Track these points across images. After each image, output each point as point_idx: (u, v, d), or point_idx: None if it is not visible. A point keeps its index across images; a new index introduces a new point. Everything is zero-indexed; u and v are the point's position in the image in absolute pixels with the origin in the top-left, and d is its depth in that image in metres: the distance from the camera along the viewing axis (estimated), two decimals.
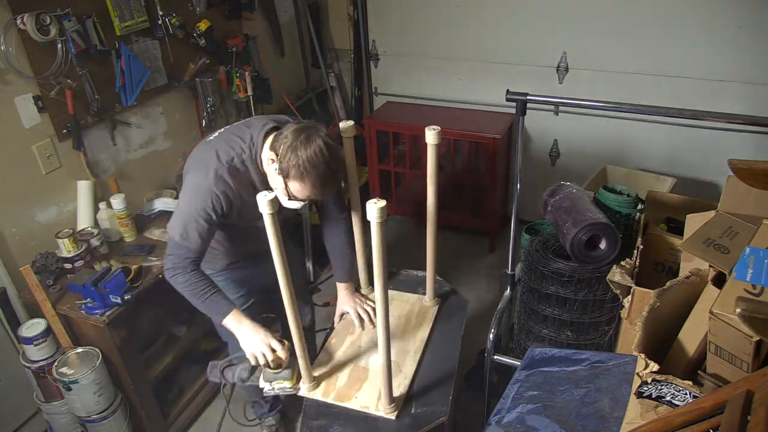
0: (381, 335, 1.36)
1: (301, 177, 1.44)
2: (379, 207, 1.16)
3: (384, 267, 1.25)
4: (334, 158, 1.46)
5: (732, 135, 2.77)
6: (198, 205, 1.53)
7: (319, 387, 1.59)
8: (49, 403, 2.02)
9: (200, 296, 1.58)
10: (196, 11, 2.60)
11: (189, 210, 1.53)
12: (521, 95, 1.68)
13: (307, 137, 1.44)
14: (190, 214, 1.53)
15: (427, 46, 3.34)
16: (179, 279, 1.57)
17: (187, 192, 1.56)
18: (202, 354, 2.60)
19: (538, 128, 3.25)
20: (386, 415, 1.48)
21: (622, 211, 1.89)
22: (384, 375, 1.43)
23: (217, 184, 1.53)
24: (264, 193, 1.23)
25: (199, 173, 1.55)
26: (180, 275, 1.57)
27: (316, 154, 1.42)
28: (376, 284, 1.27)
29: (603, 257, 1.68)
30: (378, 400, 1.52)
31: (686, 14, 2.64)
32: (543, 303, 1.86)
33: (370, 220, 1.18)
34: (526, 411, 1.29)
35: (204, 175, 1.53)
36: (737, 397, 0.86)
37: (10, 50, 1.88)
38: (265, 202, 1.23)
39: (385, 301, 1.30)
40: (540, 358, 1.46)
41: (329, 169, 1.45)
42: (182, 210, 1.55)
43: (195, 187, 1.54)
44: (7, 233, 1.99)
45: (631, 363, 1.25)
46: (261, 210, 1.25)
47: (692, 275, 1.37)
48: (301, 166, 1.42)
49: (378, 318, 1.33)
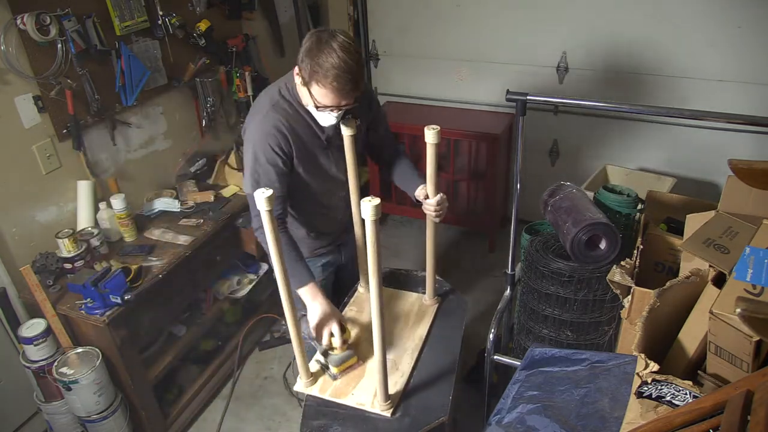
0: (376, 333, 1.36)
1: (321, 79, 1.43)
2: (374, 205, 1.16)
3: (379, 265, 1.25)
4: (351, 56, 1.42)
5: (732, 135, 2.77)
6: (259, 150, 1.55)
7: (316, 383, 1.60)
8: (49, 403, 2.02)
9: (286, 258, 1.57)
10: (196, 11, 2.59)
11: (253, 158, 1.56)
12: (521, 95, 1.68)
13: (320, 39, 1.42)
14: (256, 161, 1.56)
15: (427, 46, 3.34)
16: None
17: (247, 143, 1.60)
18: (202, 354, 2.61)
19: (538, 128, 3.25)
20: (381, 412, 1.48)
21: (622, 211, 1.89)
22: (379, 372, 1.43)
23: (268, 122, 1.55)
24: (262, 190, 1.24)
25: (252, 124, 1.59)
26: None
27: (331, 53, 1.40)
28: (371, 282, 1.27)
29: (603, 257, 1.68)
30: (374, 397, 1.52)
31: (686, 14, 2.64)
32: (543, 303, 1.86)
33: (365, 218, 1.18)
34: (526, 411, 1.29)
35: (256, 122, 1.57)
36: (737, 397, 0.86)
37: (10, 50, 1.88)
38: (263, 199, 1.23)
39: (380, 299, 1.30)
40: (540, 358, 1.46)
41: (346, 66, 1.41)
42: (248, 162, 1.59)
43: (252, 136, 1.58)
44: (7, 233, 1.99)
45: (631, 363, 1.25)
46: (258, 207, 1.25)
47: (692, 275, 1.37)
48: (319, 67, 1.41)
49: (373, 316, 1.34)
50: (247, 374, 2.67)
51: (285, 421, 2.42)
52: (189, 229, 2.30)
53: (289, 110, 1.60)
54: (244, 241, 2.49)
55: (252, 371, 2.68)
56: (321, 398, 1.56)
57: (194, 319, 2.48)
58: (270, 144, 1.56)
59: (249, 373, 2.68)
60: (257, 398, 2.54)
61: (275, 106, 1.58)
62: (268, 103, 1.60)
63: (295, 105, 1.61)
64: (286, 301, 1.43)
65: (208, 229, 2.30)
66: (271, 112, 1.57)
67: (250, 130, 1.60)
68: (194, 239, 2.23)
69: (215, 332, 2.69)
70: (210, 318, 2.54)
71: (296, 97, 1.61)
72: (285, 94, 1.61)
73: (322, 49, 1.41)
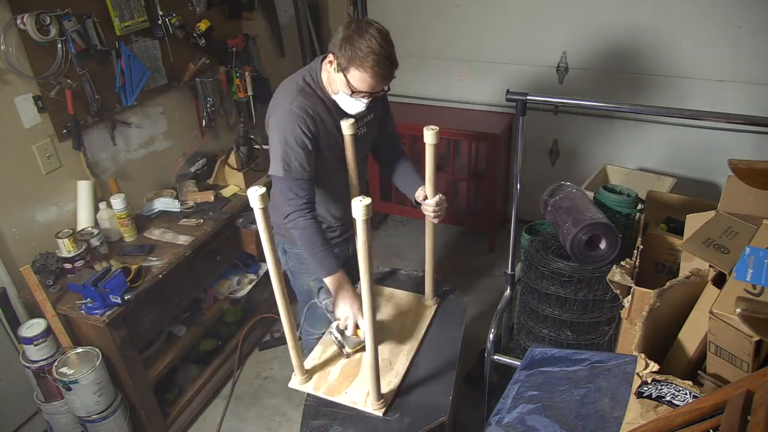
0: (368, 333, 1.36)
1: (361, 64, 1.47)
2: (365, 204, 1.18)
3: (370, 264, 1.26)
4: (388, 42, 1.49)
5: (732, 135, 2.77)
6: (287, 132, 1.58)
7: (311, 380, 1.61)
8: (49, 403, 2.02)
9: (313, 247, 1.64)
10: (196, 11, 2.59)
11: (283, 141, 1.59)
12: (521, 95, 1.68)
13: (359, 26, 1.48)
14: (286, 144, 1.59)
15: (427, 46, 3.34)
16: (300, 223, 1.62)
17: (274, 129, 1.62)
18: (202, 354, 2.61)
19: (538, 128, 3.25)
20: (374, 411, 1.49)
21: (622, 211, 1.89)
22: (372, 371, 1.43)
23: (296, 106, 1.59)
24: (254, 188, 1.26)
25: (278, 109, 1.62)
26: (301, 219, 1.62)
27: (371, 39, 1.46)
28: (362, 281, 1.28)
29: (603, 257, 1.68)
30: (367, 396, 1.52)
31: (686, 14, 2.64)
32: (543, 303, 1.87)
33: (355, 217, 1.19)
34: (526, 411, 1.29)
35: (283, 107, 1.60)
36: (737, 397, 0.86)
37: (10, 50, 1.88)
38: (256, 197, 1.25)
39: (372, 299, 1.31)
40: (540, 358, 1.46)
41: (385, 51, 1.47)
42: (275, 146, 1.61)
43: (278, 120, 1.61)
44: (7, 233, 1.99)
45: (631, 363, 1.25)
46: (252, 204, 1.27)
47: (692, 275, 1.37)
48: (360, 52, 1.46)
49: (365, 316, 1.34)
50: (247, 374, 2.67)
51: (285, 421, 2.42)
52: (189, 229, 2.30)
53: (314, 97, 1.64)
54: (244, 241, 2.49)
55: (252, 371, 2.68)
56: (321, 398, 1.56)
57: (194, 319, 2.48)
58: (300, 126, 1.58)
59: (249, 373, 2.68)
60: (257, 398, 2.54)
61: (302, 92, 1.62)
62: (295, 89, 1.63)
63: (319, 93, 1.65)
64: (280, 296, 1.44)
65: (208, 229, 2.30)
66: (299, 96, 1.61)
67: (276, 114, 1.62)
68: (194, 239, 2.23)
69: (215, 332, 2.69)
70: (210, 318, 2.54)
71: (320, 85, 1.65)
72: (309, 82, 1.65)
73: (363, 35, 1.46)
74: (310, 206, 1.64)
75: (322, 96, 1.65)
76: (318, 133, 1.63)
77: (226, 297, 2.58)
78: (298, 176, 1.60)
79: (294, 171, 1.59)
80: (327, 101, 1.66)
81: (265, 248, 1.34)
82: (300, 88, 1.63)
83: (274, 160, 1.62)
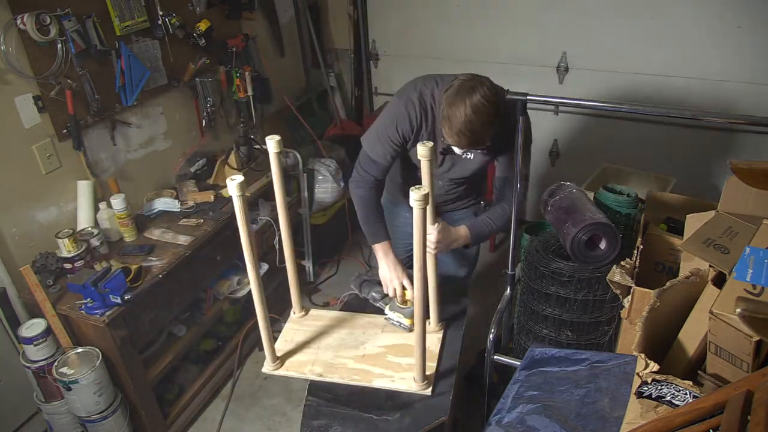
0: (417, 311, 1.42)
1: (446, 127, 1.57)
2: (422, 194, 1.23)
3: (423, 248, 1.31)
4: (479, 117, 1.52)
5: (732, 135, 2.77)
6: (390, 122, 1.73)
7: (283, 365, 1.67)
8: (49, 403, 2.02)
9: (367, 216, 1.80)
10: (196, 11, 2.59)
11: (383, 125, 1.74)
12: (521, 95, 1.68)
13: (461, 88, 1.53)
14: (384, 129, 1.74)
15: (427, 46, 3.34)
16: (359, 192, 1.79)
17: (386, 111, 1.78)
18: (202, 354, 2.61)
19: (538, 128, 3.24)
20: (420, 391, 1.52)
21: (622, 211, 1.89)
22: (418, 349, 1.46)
23: (408, 105, 1.71)
24: (232, 178, 1.33)
25: (399, 98, 1.75)
26: (360, 189, 1.79)
27: (460, 108, 1.51)
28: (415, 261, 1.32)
29: (603, 257, 1.68)
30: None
31: (686, 14, 2.64)
32: (543, 303, 1.86)
33: (412, 205, 1.25)
34: (526, 411, 1.29)
35: (401, 99, 1.73)
36: (737, 397, 0.86)
37: (10, 50, 1.88)
38: (235, 185, 1.32)
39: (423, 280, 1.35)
40: (540, 358, 1.46)
41: (470, 125, 1.52)
42: (378, 124, 1.77)
43: (392, 107, 1.76)
44: (7, 233, 1.99)
45: (631, 363, 1.25)
46: (230, 192, 1.36)
47: (692, 275, 1.37)
48: (449, 115, 1.55)
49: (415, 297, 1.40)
50: (247, 374, 2.67)
51: (285, 421, 2.42)
52: (189, 229, 2.30)
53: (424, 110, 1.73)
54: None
55: (252, 371, 2.68)
56: (321, 398, 1.56)
57: (194, 319, 2.48)
58: (401, 123, 1.72)
59: (249, 373, 2.68)
60: (257, 398, 2.54)
61: (420, 98, 1.72)
62: (418, 92, 1.72)
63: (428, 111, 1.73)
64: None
65: (208, 229, 2.30)
66: (416, 100, 1.72)
67: (396, 102, 1.75)
68: (194, 239, 2.23)
69: (215, 332, 2.69)
70: (210, 318, 2.54)
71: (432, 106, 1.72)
72: (433, 93, 1.72)
73: (456, 101, 1.53)
74: (374, 183, 1.78)
75: (430, 114, 1.74)
76: (413, 134, 1.74)
77: (226, 297, 2.58)
78: (379, 162, 1.75)
79: (377, 156, 1.75)
80: (431, 120, 1.74)
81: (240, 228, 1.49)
82: (420, 96, 1.73)
83: (371, 132, 1.78)
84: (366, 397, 1.56)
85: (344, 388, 1.60)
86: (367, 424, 1.48)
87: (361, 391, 1.58)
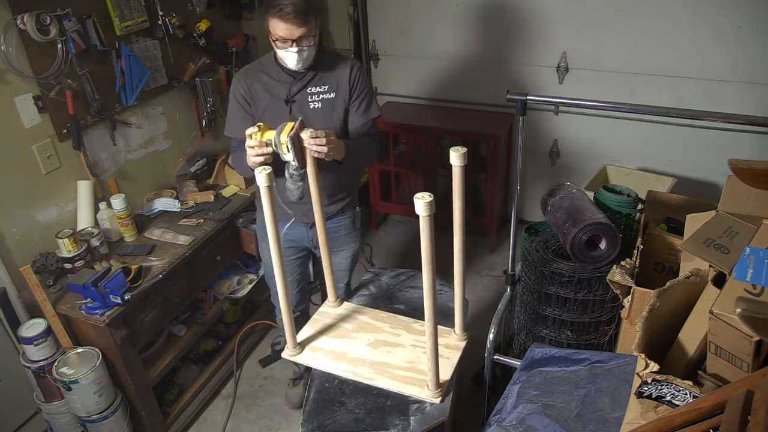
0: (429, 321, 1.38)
1: (271, 13, 1.68)
2: (426, 202, 1.18)
3: (432, 256, 1.28)
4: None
5: (732, 135, 2.77)
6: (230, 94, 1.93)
7: (303, 351, 1.67)
8: (49, 403, 2.02)
9: (239, 160, 1.86)
10: (196, 11, 2.59)
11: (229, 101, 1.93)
12: (521, 95, 1.68)
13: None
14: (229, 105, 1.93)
15: (427, 46, 3.34)
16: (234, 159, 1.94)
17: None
18: (202, 354, 2.61)
19: (538, 128, 3.25)
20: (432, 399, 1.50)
21: (622, 211, 1.89)
22: (431, 357, 1.44)
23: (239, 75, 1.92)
24: (264, 168, 1.33)
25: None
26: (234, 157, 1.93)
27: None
28: (424, 273, 1.29)
29: (603, 257, 1.68)
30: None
31: (686, 14, 2.64)
32: (543, 303, 1.87)
33: (419, 213, 1.20)
34: (526, 411, 1.29)
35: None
36: (737, 397, 0.86)
37: (10, 50, 1.88)
38: (263, 176, 1.24)
39: (433, 292, 1.33)
40: (540, 358, 1.46)
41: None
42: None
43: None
44: (7, 233, 1.99)
45: (631, 363, 1.25)
46: (258, 183, 1.37)
47: (692, 275, 1.37)
48: (270, 5, 1.67)
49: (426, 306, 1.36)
50: (247, 374, 2.67)
51: (285, 421, 2.42)
52: (189, 229, 2.30)
53: (264, 64, 1.87)
54: (244, 241, 2.49)
55: (252, 371, 2.68)
56: (321, 398, 1.56)
57: (194, 319, 2.48)
58: (234, 89, 1.87)
59: (249, 373, 2.68)
60: (257, 398, 2.54)
61: (261, 60, 1.90)
62: (258, 60, 1.91)
63: (272, 62, 1.84)
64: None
65: (208, 229, 2.30)
66: (254, 63, 1.91)
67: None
68: (194, 239, 2.23)
69: (215, 332, 2.69)
70: (210, 318, 2.54)
71: (275, 58, 1.84)
72: (270, 56, 1.86)
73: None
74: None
75: (273, 63, 1.84)
76: (251, 95, 1.84)
77: (226, 297, 2.58)
78: (230, 134, 1.91)
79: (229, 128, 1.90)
80: (276, 67, 1.84)
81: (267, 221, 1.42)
82: (257, 60, 1.92)
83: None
84: (368, 397, 1.56)
85: (348, 385, 1.60)
86: (367, 425, 1.48)
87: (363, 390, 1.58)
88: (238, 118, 1.88)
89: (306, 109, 1.84)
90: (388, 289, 1.99)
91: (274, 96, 1.83)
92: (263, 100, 1.84)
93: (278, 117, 1.78)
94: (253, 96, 1.85)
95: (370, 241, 3.54)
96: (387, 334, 1.73)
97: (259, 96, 1.85)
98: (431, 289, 1.31)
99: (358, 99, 1.88)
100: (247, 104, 1.86)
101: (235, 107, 1.88)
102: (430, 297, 1.33)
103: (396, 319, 1.79)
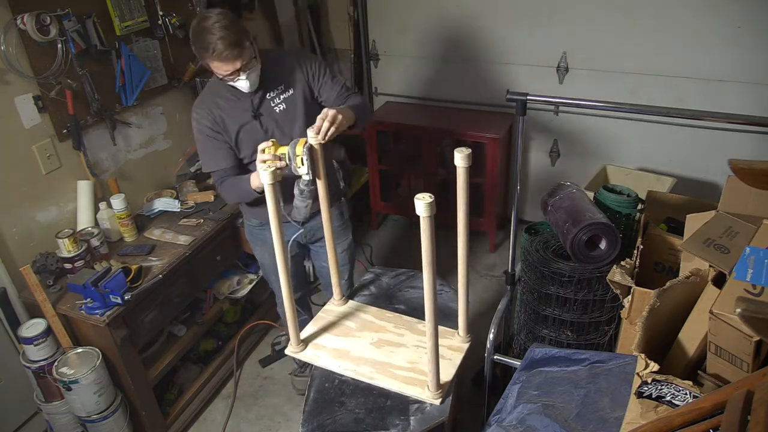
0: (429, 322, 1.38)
1: (207, 57, 1.64)
2: (426, 203, 1.17)
3: (433, 257, 1.27)
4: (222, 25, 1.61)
5: (732, 135, 2.77)
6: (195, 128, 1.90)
7: (306, 348, 1.69)
8: (49, 403, 2.02)
9: (239, 190, 1.84)
10: (196, 11, 2.59)
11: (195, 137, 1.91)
12: (521, 95, 1.68)
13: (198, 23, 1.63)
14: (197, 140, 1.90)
15: (427, 46, 3.34)
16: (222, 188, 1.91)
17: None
18: (202, 354, 2.61)
19: (538, 128, 3.25)
20: (432, 400, 1.50)
21: (622, 211, 1.89)
22: (431, 357, 1.43)
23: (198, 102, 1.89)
24: (268, 166, 1.33)
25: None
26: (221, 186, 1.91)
27: (203, 32, 1.61)
28: (424, 274, 1.29)
29: (603, 257, 1.68)
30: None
31: (686, 14, 2.64)
32: (543, 303, 1.87)
33: (419, 214, 1.19)
34: (526, 411, 1.29)
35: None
36: (737, 397, 0.86)
37: (10, 50, 1.88)
38: (267, 174, 1.25)
39: (434, 293, 1.32)
40: (540, 358, 1.46)
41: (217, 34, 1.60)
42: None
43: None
44: (7, 233, 1.99)
45: (631, 363, 1.25)
46: (262, 179, 1.42)
47: (692, 275, 1.37)
48: (201, 48, 1.63)
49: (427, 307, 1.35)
50: (247, 374, 2.67)
51: (285, 421, 2.42)
52: (189, 229, 2.30)
53: (215, 90, 1.83)
54: (244, 241, 2.49)
55: (252, 371, 2.68)
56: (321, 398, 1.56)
57: (194, 319, 2.48)
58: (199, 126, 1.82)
59: (249, 373, 2.68)
60: (257, 398, 2.54)
61: (209, 86, 1.86)
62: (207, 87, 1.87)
63: (221, 85, 1.79)
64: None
65: (208, 229, 2.30)
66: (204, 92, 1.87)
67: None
68: (194, 239, 2.23)
69: (215, 332, 2.69)
70: (210, 318, 2.54)
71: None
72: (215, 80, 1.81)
73: (202, 32, 1.61)
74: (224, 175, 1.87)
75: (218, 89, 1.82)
76: (223, 120, 1.80)
77: (226, 297, 2.58)
78: (214, 167, 1.88)
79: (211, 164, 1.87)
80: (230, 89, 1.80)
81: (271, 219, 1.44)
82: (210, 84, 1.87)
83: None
84: (368, 397, 1.56)
85: (348, 384, 1.60)
86: (367, 425, 1.48)
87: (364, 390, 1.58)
88: (213, 149, 1.84)
89: (274, 115, 1.84)
90: (388, 289, 1.99)
91: (240, 117, 1.81)
92: (232, 125, 1.82)
93: (253, 135, 1.81)
94: (221, 125, 1.82)
95: (370, 241, 3.54)
96: (391, 333, 1.73)
97: (226, 123, 1.82)
98: (432, 289, 1.31)
99: (320, 77, 1.88)
100: (219, 134, 1.82)
101: (206, 142, 1.83)
102: (431, 297, 1.32)
103: (400, 319, 1.79)
